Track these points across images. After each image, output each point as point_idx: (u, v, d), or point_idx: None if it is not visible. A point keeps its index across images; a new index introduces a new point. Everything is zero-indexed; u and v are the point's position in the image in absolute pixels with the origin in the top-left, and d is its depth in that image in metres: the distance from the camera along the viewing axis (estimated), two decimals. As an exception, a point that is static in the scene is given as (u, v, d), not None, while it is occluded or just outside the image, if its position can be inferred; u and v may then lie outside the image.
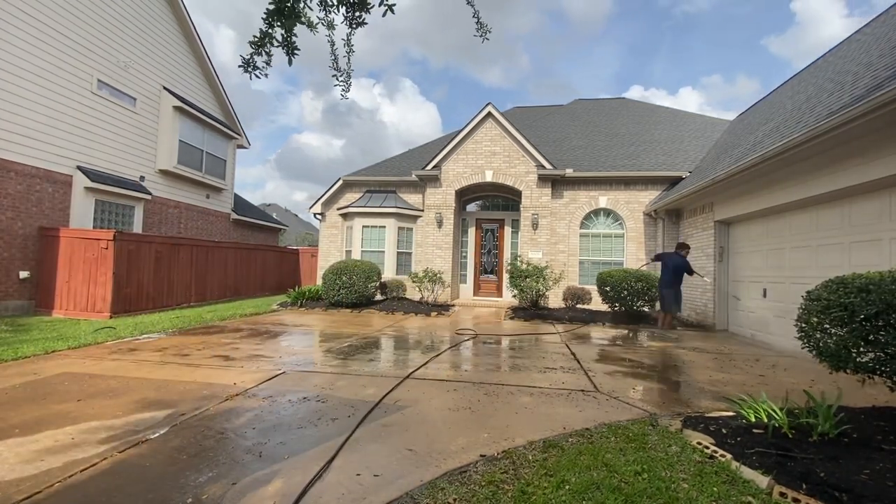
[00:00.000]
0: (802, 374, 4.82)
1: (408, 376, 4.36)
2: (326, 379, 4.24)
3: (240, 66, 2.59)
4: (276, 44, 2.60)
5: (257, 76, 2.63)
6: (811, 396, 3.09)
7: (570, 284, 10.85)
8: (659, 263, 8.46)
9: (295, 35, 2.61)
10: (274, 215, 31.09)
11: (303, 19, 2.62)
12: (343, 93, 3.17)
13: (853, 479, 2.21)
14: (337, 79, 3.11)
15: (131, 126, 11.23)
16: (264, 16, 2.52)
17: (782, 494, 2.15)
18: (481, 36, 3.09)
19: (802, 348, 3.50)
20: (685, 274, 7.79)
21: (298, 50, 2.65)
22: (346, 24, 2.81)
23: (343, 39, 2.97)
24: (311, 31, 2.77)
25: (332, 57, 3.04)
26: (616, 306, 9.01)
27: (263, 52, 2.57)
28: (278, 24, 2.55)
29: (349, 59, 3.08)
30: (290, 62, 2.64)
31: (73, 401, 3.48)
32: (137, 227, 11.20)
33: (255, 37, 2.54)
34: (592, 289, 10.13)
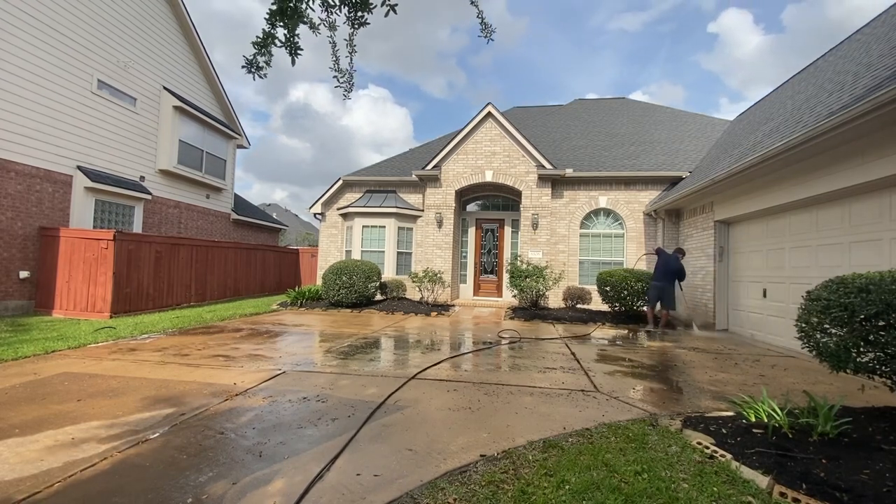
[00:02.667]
0: (802, 374, 4.82)
1: (413, 377, 4.36)
2: (326, 379, 4.24)
3: (243, 67, 2.60)
4: (278, 44, 2.60)
5: (260, 76, 2.64)
6: (811, 397, 3.09)
7: (570, 284, 10.85)
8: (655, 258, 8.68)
9: (297, 35, 2.62)
10: (274, 215, 31.09)
11: (305, 19, 2.62)
12: (345, 93, 3.16)
13: (853, 479, 2.22)
14: (338, 80, 3.10)
15: (131, 126, 11.23)
16: (267, 16, 2.52)
17: (782, 494, 2.15)
18: (486, 36, 3.11)
19: (802, 348, 3.50)
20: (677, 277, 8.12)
21: (301, 50, 2.65)
22: (347, 25, 2.81)
23: (345, 40, 2.97)
24: (314, 31, 2.77)
25: (334, 58, 3.04)
26: (616, 306, 9.01)
27: (266, 52, 2.58)
28: (281, 24, 2.55)
29: (351, 60, 3.08)
30: (293, 62, 2.64)
31: (73, 401, 3.48)
32: (137, 227, 11.20)
33: (258, 37, 2.54)
34: (592, 289, 10.13)
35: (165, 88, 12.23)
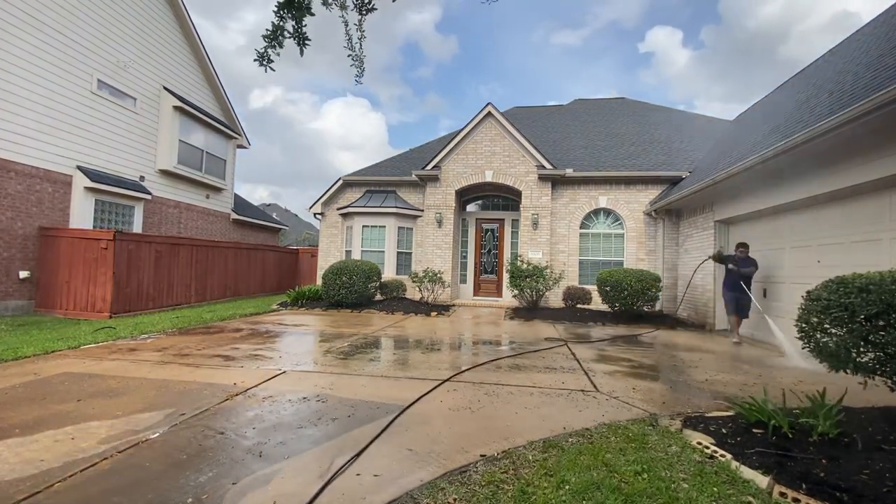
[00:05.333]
0: (802, 374, 4.82)
1: (450, 379, 4.35)
2: (326, 379, 4.24)
3: (255, 60, 2.65)
4: (287, 35, 2.64)
5: (272, 69, 2.68)
6: (811, 397, 3.09)
7: (570, 284, 10.85)
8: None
9: (305, 26, 2.66)
10: (274, 215, 31.08)
11: (313, 11, 2.67)
12: (357, 78, 3.20)
13: (853, 479, 2.21)
14: (352, 59, 3.14)
15: (131, 126, 11.23)
16: (275, 9, 2.56)
17: (782, 494, 2.15)
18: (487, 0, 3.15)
19: (803, 348, 3.50)
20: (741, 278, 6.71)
21: (309, 40, 2.68)
22: (356, 11, 2.87)
23: (355, 24, 3.00)
24: (327, 7, 2.81)
25: (347, 37, 3.07)
26: (616, 306, 9.01)
27: (275, 45, 2.62)
28: (289, 15, 2.59)
29: (361, 45, 3.11)
30: (301, 52, 2.68)
31: (73, 401, 3.48)
32: (137, 227, 11.20)
33: (267, 30, 2.59)
34: (592, 289, 10.13)
35: (165, 88, 12.23)
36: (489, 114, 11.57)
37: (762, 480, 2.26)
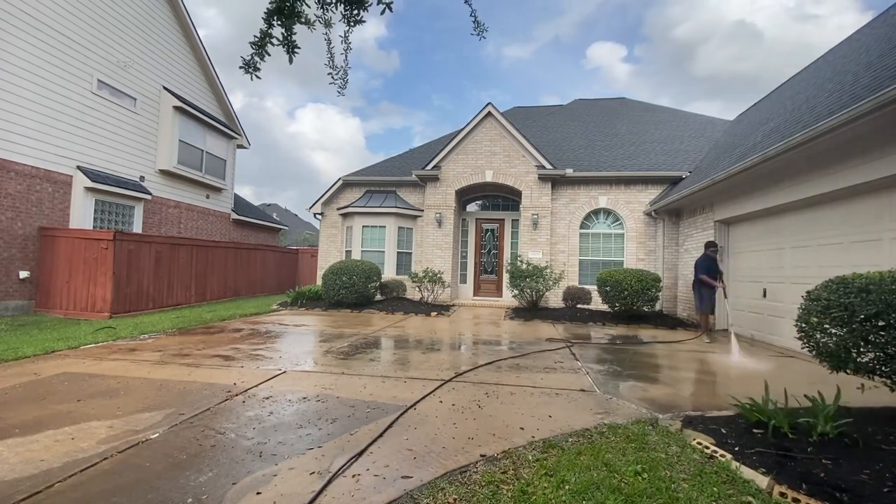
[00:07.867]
0: (802, 374, 4.82)
1: (436, 382, 4.35)
2: (326, 379, 4.24)
3: (240, 67, 2.60)
4: (276, 43, 2.61)
5: (257, 77, 2.64)
6: (811, 397, 3.10)
7: (570, 284, 10.85)
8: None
9: (294, 33, 2.62)
10: (274, 215, 31.10)
11: (302, 18, 2.63)
12: (339, 90, 3.17)
13: (853, 479, 2.22)
14: (333, 77, 3.10)
15: (131, 126, 11.23)
16: (264, 15, 2.53)
17: (782, 494, 2.15)
18: (478, 35, 3.10)
19: (802, 348, 3.51)
20: (704, 274, 7.11)
21: (299, 48, 2.65)
22: (343, 22, 2.83)
23: (340, 37, 2.98)
24: (310, 28, 2.77)
25: (329, 55, 3.04)
26: (616, 306, 9.00)
27: (263, 52, 2.58)
28: (278, 23, 2.56)
29: (346, 57, 3.08)
30: (290, 60, 2.65)
31: (73, 401, 3.48)
32: (137, 227, 11.19)
33: (255, 37, 2.55)
34: (592, 289, 10.13)
35: (165, 88, 12.23)
36: (489, 114, 11.57)
37: (762, 480, 2.26)
